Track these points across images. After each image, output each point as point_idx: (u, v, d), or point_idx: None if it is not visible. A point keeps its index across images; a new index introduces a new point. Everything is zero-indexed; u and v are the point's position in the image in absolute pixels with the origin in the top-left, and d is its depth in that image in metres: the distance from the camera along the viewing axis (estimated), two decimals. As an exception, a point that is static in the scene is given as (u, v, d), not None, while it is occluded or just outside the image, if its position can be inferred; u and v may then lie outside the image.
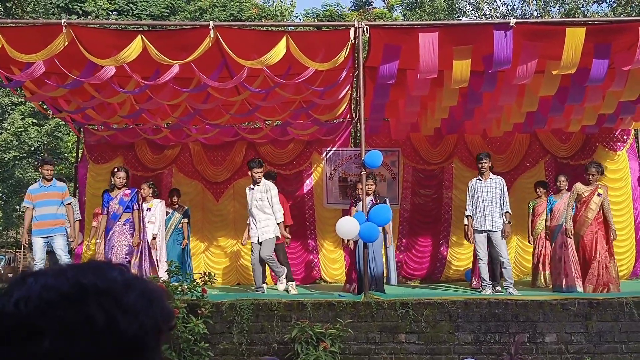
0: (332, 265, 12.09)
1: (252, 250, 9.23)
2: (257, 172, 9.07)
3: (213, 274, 7.84)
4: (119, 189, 8.88)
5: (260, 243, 8.94)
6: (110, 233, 8.83)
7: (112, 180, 8.92)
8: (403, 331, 7.23)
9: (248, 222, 9.34)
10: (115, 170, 9.05)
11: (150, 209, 9.97)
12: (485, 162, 9.06)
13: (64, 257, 8.82)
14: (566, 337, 7.22)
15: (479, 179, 9.12)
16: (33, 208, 8.94)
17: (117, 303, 0.88)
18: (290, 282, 9.34)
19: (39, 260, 8.82)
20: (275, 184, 9.57)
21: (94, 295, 0.87)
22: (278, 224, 9.05)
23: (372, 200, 9.06)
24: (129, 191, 8.95)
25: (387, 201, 9.34)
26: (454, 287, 10.58)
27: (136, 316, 0.88)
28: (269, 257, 8.97)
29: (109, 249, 8.76)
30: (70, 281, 0.88)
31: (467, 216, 9.18)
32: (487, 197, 8.96)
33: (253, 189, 9.14)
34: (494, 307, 7.32)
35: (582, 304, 7.35)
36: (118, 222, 8.82)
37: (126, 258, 8.69)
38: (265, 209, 9.02)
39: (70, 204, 9.13)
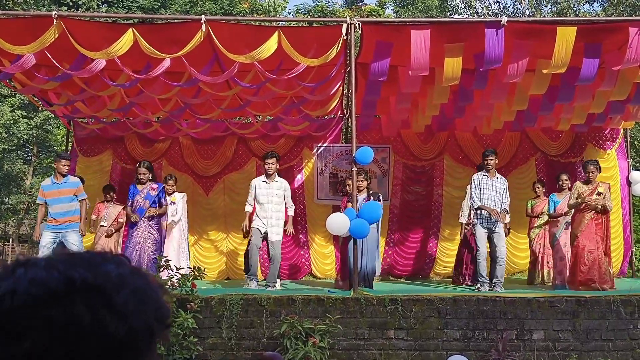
0: (323, 260, 12.11)
1: (252, 236, 9.00)
2: (268, 164, 8.91)
3: (203, 269, 7.82)
4: (143, 183, 9.01)
5: (266, 236, 8.84)
6: (135, 228, 8.90)
7: (137, 176, 9.13)
8: (392, 327, 7.25)
9: (248, 210, 9.07)
10: (137, 165, 9.23)
11: (173, 202, 10.01)
12: (492, 159, 8.98)
13: None
14: (553, 335, 7.27)
15: (485, 175, 9.01)
16: (46, 204, 8.69)
17: (106, 302, 0.83)
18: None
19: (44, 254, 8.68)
20: None
21: (82, 293, 0.82)
22: (289, 216, 9.09)
23: (364, 198, 9.02)
24: (156, 186, 9.09)
25: (381, 198, 9.35)
26: (445, 285, 10.64)
27: (126, 317, 0.83)
28: (279, 255, 8.94)
29: (134, 245, 8.80)
30: (60, 275, 0.83)
31: (480, 205, 8.85)
32: (492, 195, 8.87)
33: (268, 183, 8.96)
34: (482, 304, 7.35)
35: (569, 302, 7.39)
36: (143, 218, 8.89)
37: (154, 255, 8.72)
38: (281, 206, 8.98)
39: (85, 199, 8.88)
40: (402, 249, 12.22)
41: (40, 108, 19.00)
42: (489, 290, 8.65)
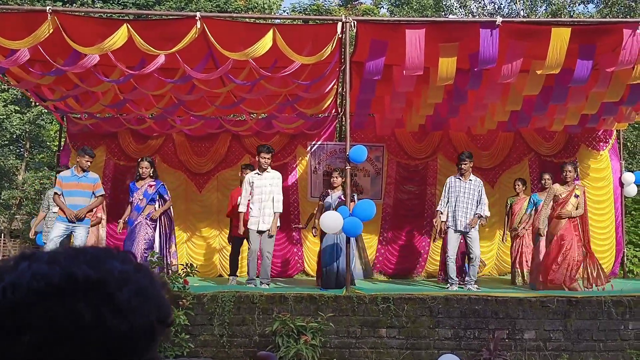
0: (315, 258, 12.07)
1: (249, 240, 8.82)
2: (264, 158, 8.78)
3: (195, 265, 7.82)
4: (144, 179, 8.96)
5: (260, 233, 8.65)
6: (132, 226, 8.87)
7: (137, 171, 9.07)
8: (384, 326, 7.27)
9: (242, 210, 8.87)
10: (139, 160, 9.16)
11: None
12: (466, 164, 9.07)
13: None
14: (545, 335, 7.29)
15: (458, 178, 9.13)
16: (61, 194, 8.46)
17: (108, 299, 0.82)
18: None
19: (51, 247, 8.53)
20: None
21: (84, 290, 0.81)
22: (275, 213, 8.68)
23: (339, 196, 9.00)
24: (154, 183, 9.02)
25: (355, 197, 8.96)
26: (433, 284, 10.65)
27: (127, 315, 0.83)
28: (270, 253, 8.75)
29: (130, 242, 8.76)
30: (62, 270, 0.82)
31: (437, 211, 9.22)
32: (464, 198, 8.99)
33: (260, 175, 8.85)
34: (474, 304, 7.37)
35: (561, 302, 7.42)
36: (141, 215, 8.85)
37: (145, 253, 8.60)
38: (272, 198, 8.79)
39: (102, 195, 8.76)
40: (394, 248, 12.23)
41: (33, 103, 18.92)
42: (459, 288, 8.79)
